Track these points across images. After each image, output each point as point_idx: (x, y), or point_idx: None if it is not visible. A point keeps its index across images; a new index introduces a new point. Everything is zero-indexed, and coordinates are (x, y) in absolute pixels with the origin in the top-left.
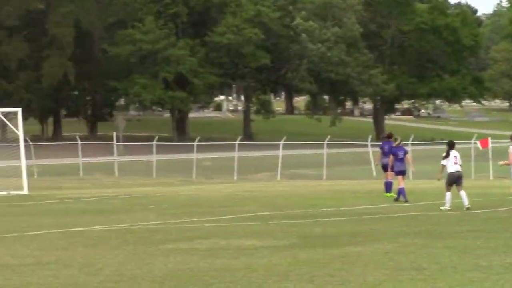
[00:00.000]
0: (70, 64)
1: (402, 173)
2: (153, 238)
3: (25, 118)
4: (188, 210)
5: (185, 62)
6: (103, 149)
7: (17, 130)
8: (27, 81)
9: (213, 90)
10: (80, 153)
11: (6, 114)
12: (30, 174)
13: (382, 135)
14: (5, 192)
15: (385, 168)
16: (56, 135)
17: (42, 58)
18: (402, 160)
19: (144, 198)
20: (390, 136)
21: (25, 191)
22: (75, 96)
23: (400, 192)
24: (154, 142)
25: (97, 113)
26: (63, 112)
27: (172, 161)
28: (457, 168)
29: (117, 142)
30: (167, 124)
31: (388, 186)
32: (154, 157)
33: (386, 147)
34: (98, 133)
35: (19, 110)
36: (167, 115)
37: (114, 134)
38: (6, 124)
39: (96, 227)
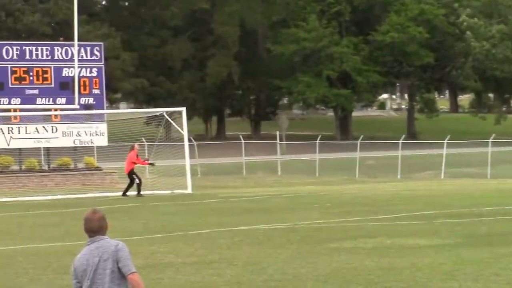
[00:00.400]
0: (235, 63)
1: None
2: (317, 237)
3: (189, 117)
4: (351, 209)
5: (348, 60)
6: (266, 148)
7: (182, 129)
8: (191, 80)
9: (377, 89)
10: (243, 152)
11: (170, 114)
12: (193, 173)
13: None
14: (169, 191)
15: None
16: (220, 134)
17: (207, 57)
18: None
19: (308, 197)
20: None
21: (189, 190)
22: (239, 95)
23: None
24: (317, 141)
25: (260, 112)
26: (227, 111)
27: (335, 160)
28: None
29: (280, 141)
30: (330, 123)
31: None
32: (317, 156)
33: None
34: (261, 132)
35: (183, 109)
36: (330, 114)
37: (277, 133)
38: (171, 124)
39: (260, 226)
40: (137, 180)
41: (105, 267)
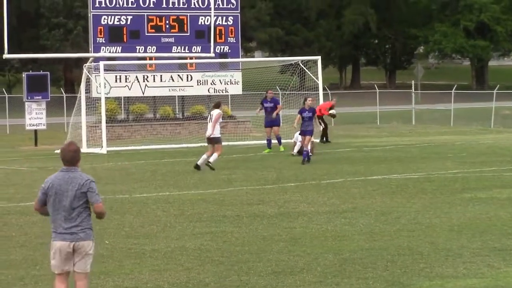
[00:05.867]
0: (371, 11)
1: None
2: (451, 187)
3: (324, 66)
4: (487, 159)
5: (488, 9)
6: (400, 97)
7: (316, 78)
8: (328, 29)
9: None
10: (377, 101)
11: (305, 62)
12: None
13: None
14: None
15: None
16: (354, 83)
17: (343, 6)
18: None
19: (442, 147)
20: None
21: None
22: (375, 44)
23: None
24: (453, 91)
25: (396, 61)
26: (362, 60)
27: (470, 109)
28: None
29: (415, 90)
30: (466, 72)
31: None
32: (452, 106)
33: None
34: (396, 82)
35: (318, 58)
36: (466, 63)
37: (413, 82)
38: (305, 72)
39: (393, 175)
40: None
41: (75, 195)
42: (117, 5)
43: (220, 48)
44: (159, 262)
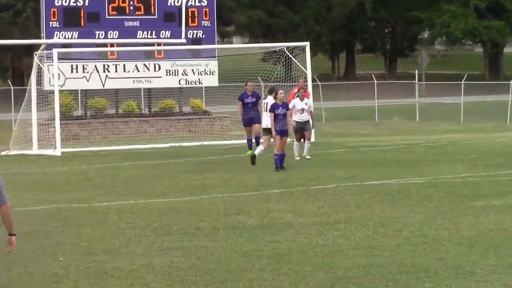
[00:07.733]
0: None
1: None
2: (461, 193)
3: (313, 53)
4: (502, 161)
5: None
6: (402, 89)
7: (304, 67)
8: (316, 11)
9: None
10: (376, 94)
11: (291, 49)
12: (317, 119)
13: None
14: (289, 139)
15: None
16: (349, 74)
17: None
18: None
19: (451, 147)
20: None
21: (311, 138)
22: (372, 28)
23: None
24: (463, 82)
25: (396, 48)
26: (358, 47)
27: (483, 103)
28: None
29: (419, 81)
30: (477, 60)
31: None
32: (462, 99)
33: None
34: (397, 71)
35: (306, 44)
36: (478, 49)
37: (416, 72)
38: (292, 61)
39: (394, 180)
40: None
41: None
42: None
43: (193, 33)
44: (122, 282)
